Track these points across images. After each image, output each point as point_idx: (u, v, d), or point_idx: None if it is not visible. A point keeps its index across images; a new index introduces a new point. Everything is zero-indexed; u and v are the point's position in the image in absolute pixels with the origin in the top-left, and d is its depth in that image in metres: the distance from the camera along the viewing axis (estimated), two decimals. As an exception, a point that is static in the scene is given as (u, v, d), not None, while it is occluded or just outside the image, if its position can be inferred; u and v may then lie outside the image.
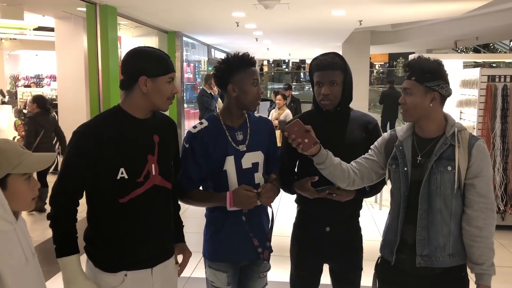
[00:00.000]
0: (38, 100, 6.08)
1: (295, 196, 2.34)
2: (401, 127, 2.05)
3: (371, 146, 2.11)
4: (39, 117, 5.95)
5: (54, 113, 6.49)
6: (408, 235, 1.93)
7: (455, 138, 1.86)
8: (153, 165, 1.84)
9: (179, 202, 2.15)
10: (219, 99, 8.35)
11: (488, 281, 1.82)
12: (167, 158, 1.92)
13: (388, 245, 2.01)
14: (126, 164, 1.77)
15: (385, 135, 2.10)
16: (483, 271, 1.82)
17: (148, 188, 1.83)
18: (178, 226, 2.11)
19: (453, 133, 1.87)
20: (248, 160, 2.11)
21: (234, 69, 2.06)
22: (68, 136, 5.24)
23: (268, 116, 8.06)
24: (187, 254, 2.10)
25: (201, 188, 2.17)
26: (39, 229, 5.26)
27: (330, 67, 2.13)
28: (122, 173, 1.76)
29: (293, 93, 9.82)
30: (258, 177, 2.14)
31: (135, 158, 1.81)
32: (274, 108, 8.33)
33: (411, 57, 6.87)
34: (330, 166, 1.97)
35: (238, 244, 2.12)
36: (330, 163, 1.97)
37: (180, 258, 2.10)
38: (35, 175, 1.60)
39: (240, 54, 2.09)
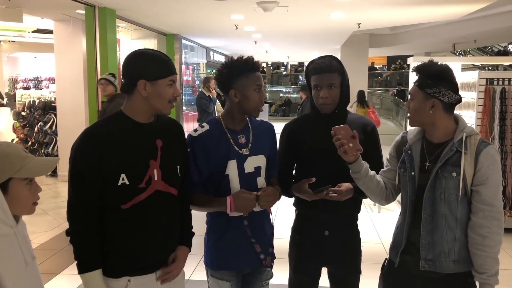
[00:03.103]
0: None
1: (293, 199, 2.34)
2: (412, 130, 2.02)
3: (387, 157, 2.10)
4: None
5: None
6: (415, 238, 1.92)
7: (462, 144, 1.82)
8: (155, 170, 1.79)
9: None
10: (217, 101, 8.35)
11: None
12: (171, 163, 1.86)
13: (395, 247, 2.01)
14: (127, 169, 1.74)
15: (397, 138, 2.09)
16: (483, 281, 1.79)
17: (151, 194, 1.78)
18: (186, 230, 2.01)
19: (461, 138, 1.83)
20: (250, 164, 2.07)
21: (237, 74, 2.02)
22: (66, 139, 5.24)
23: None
24: (177, 264, 1.90)
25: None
26: (39, 232, 5.26)
27: (328, 70, 2.12)
28: (123, 179, 1.73)
29: (291, 95, 9.77)
30: (261, 181, 2.11)
31: (136, 163, 1.76)
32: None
33: (409, 60, 6.85)
34: (365, 177, 1.97)
35: (240, 251, 2.08)
36: (365, 174, 1.97)
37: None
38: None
39: (243, 58, 2.04)
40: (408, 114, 1.93)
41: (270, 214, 2.19)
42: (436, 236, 1.86)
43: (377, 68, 24.73)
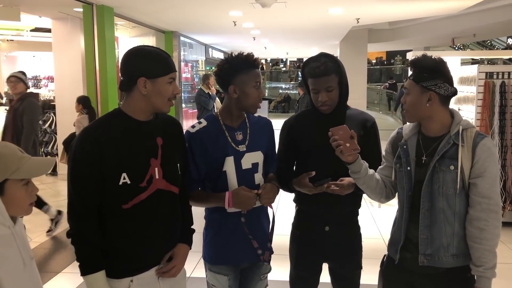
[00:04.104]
0: None
1: (293, 196, 2.34)
2: (407, 125, 2.02)
3: (383, 154, 2.10)
4: None
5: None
6: (412, 234, 1.91)
7: (459, 137, 1.82)
8: (156, 169, 1.78)
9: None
10: (217, 98, 8.34)
11: (486, 284, 1.78)
12: (172, 161, 1.85)
13: (394, 244, 2.00)
14: (128, 168, 1.72)
15: (393, 133, 2.08)
16: (480, 273, 1.79)
17: (152, 193, 1.77)
18: (186, 228, 1.99)
19: (457, 131, 1.83)
20: (248, 161, 2.08)
21: (237, 70, 2.02)
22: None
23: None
24: (175, 261, 1.88)
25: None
26: (39, 231, 5.25)
27: (325, 74, 2.09)
28: (124, 178, 1.71)
29: (290, 92, 9.78)
30: (258, 177, 2.12)
31: (137, 162, 1.75)
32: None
33: (409, 54, 6.83)
34: (365, 177, 1.96)
35: (238, 246, 2.10)
36: (365, 173, 1.96)
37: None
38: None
39: (244, 54, 2.04)
40: (405, 110, 1.93)
41: (272, 210, 2.19)
42: (435, 231, 1.86)
43: (385, 62, 24.68)
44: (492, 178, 1.80)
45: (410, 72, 1.91)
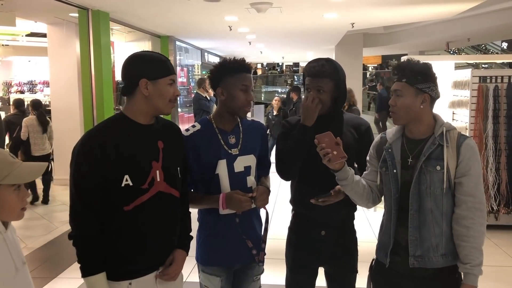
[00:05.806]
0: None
1: (290, 197, 2.36)
2: (391, 129, 2.05)
3: (367, 158, 2.12)
4: None
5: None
6: (401, 237, 1.94)
7: (443, 138, 1.87)
8: (157, 172, 1.81)
9: None
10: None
11: (473, 281, 1.82)
12: (172, 164, 1.89)
13: (383, 248, 2.02)
14: (131, 170, 1.75)
15: (376, 138, 2.11)
16: (467, 271, 1.83)
17: (153, 195, 1.80)
18: (184, 234, 2.02)
19: (441, 133, 1.88)
20: (240, 164, 2.11)
21: (225, 72, 2.08)
22: (61, 142, 5.22)
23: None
24: (176, 265, 1.91)
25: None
26: (35, 236, 5.24)
27: (318, 75, 2.13)
28: (126, 180, 1.74)
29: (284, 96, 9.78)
30: (250, 180, 2.15)
31: (139, 164, 1.78)
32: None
33: (403, 59, 6.90)
34: (352, 183, 1.98)
35: (231, 247, 2.12)
36: (352, 180, 1.98)
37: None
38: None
39: (235, 58, 2.09)
40: (393, 112, 1.95)
41: (265, 210, 2.21)
42: (424, 232, 1.89)
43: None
44: (476, 177, 1.86)
45: (395, 76, 1.94)
